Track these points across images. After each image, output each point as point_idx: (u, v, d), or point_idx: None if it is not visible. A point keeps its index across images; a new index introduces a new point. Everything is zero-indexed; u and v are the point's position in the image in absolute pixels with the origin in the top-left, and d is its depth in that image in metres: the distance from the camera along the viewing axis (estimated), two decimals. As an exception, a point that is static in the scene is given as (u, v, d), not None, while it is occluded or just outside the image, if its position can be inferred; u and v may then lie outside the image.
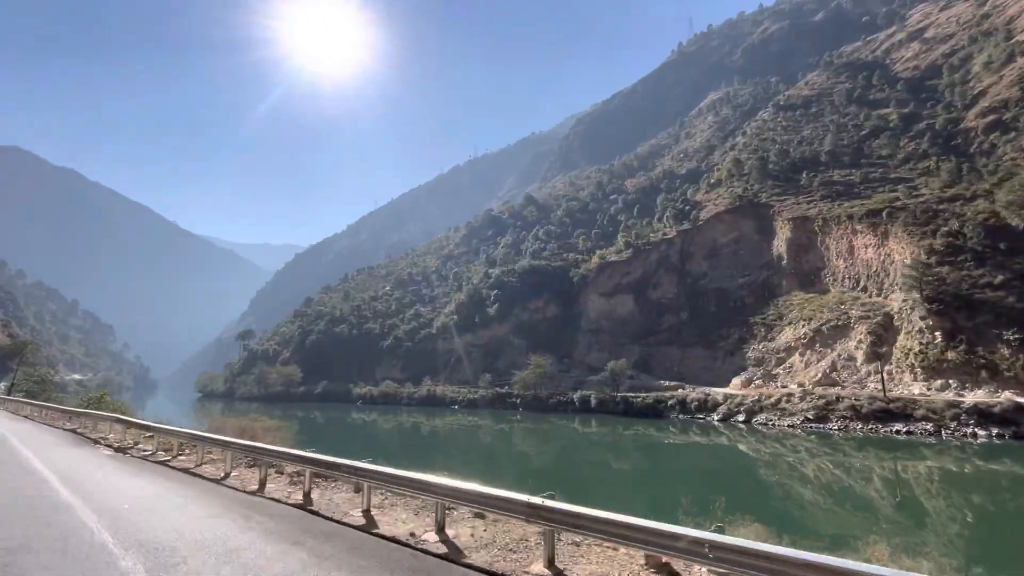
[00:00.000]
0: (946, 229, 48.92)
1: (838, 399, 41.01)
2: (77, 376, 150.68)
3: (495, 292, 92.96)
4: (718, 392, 54.30)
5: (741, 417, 45.84)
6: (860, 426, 38.69)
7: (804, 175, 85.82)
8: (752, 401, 46.40)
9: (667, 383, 61.58)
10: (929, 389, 41.32)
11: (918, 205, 55.45)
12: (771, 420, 43.56)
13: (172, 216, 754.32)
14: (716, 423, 48.00)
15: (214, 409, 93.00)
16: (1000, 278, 41.91)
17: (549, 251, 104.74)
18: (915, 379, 43.07)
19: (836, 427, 39.53)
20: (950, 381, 40.48)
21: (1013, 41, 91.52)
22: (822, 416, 40.66)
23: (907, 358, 44.68)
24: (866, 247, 59.79)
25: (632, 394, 58.72)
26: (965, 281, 43.61)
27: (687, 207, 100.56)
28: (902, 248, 53.00)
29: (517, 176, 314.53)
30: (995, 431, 33.73)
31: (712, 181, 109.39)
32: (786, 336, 60.30)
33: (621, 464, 35.84)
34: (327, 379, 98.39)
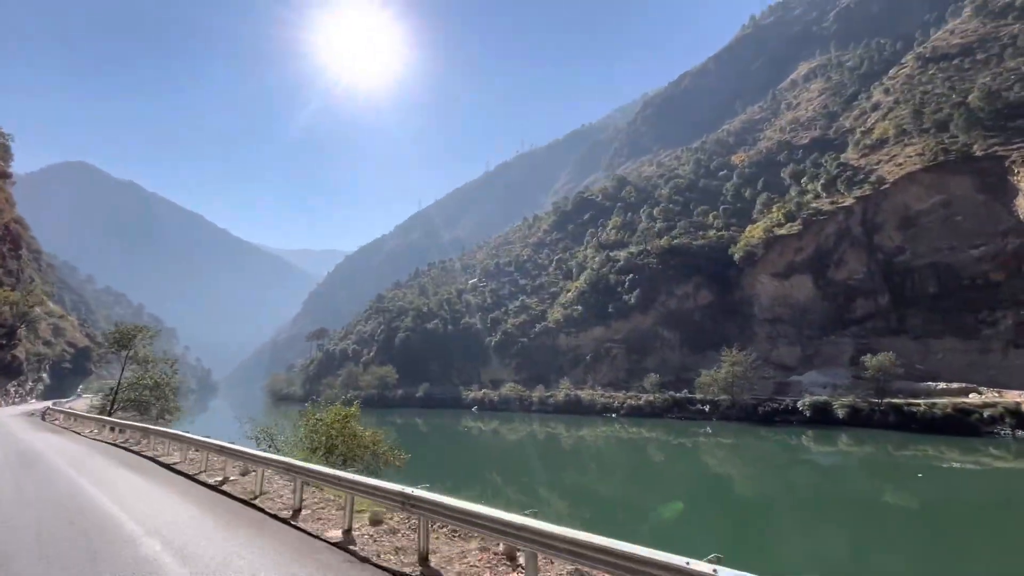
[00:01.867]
0: None
1: None
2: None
3: (629, 277, 77.96)
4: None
5: None
6: None
7: (1039, 118, 67.39)
8: None
9: (939, 386, 45.17)
10: None
11: None
12: None
13: (223, 223, 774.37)
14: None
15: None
16: None
17: (681, 229, 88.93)
18: None
19: None
20: None
21: None
22: None
23: None
24: None
25: (907, 402, 42.51)
26: None
27: (846, 172, 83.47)
28: None
29: (573, 167, 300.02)
30: None
31: (870, 143, 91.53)
32: (1117, 318, 42.91)
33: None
34: (427, 381, 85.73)
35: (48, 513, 9.75)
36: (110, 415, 30.96)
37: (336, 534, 8.20)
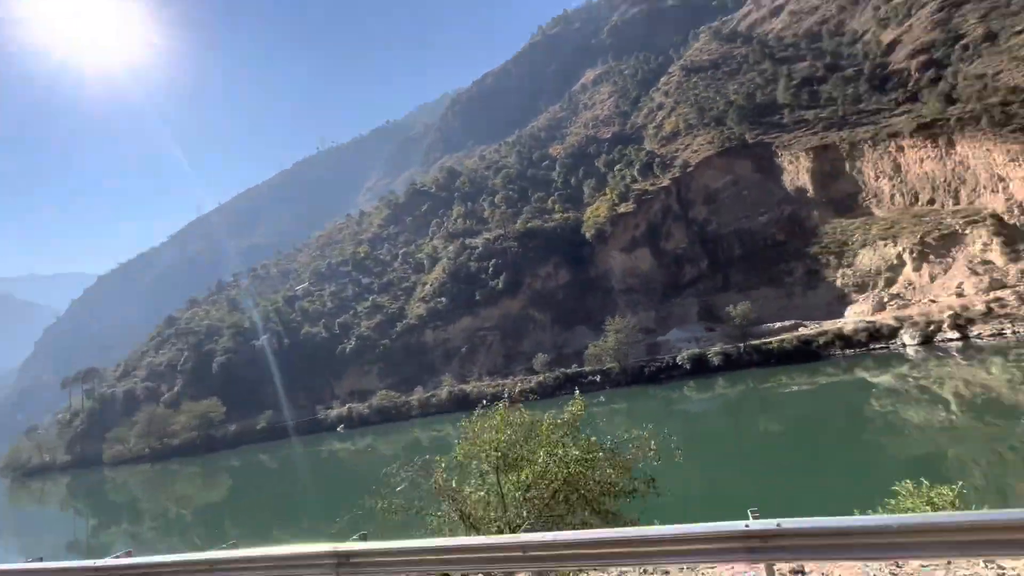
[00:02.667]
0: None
1: (1072, 291, 37.24)
2: None
3: (492, 262, 76.33)
4: (842, 323, 48.47)
5: (952, 334, 39.90)
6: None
7: (787, 113, 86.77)
8: (950, 316, 40.81)
9: (777, 325, 54.22)
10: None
11: (986, 109, 56.52)
12: (1001, 329, 38.28)
13: None
14: (907, 348, 41.52)
15: (88, 495, 60.76)
16: None
17: (528, 213, 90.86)
18: (1085, 266, 41.69)
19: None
20: None
21: (895, 2, 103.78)
22: (1072, 310, 36.48)
23: (1062, 248, 43.40)
24: (922, 160, 59.72)
25: (764, 341, 49.79)
26: (1105, 163, 43.90)
27: (655, 159, 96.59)
28: (984, 151, 53.05)
29: (385, 164, 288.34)
30: None
31: (665, 135, 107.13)
32: (868, 259, 57.45)
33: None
34: (269, 408, 71.19)
35: None
36: None
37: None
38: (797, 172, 74.29)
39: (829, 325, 49.49)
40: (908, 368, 40.35)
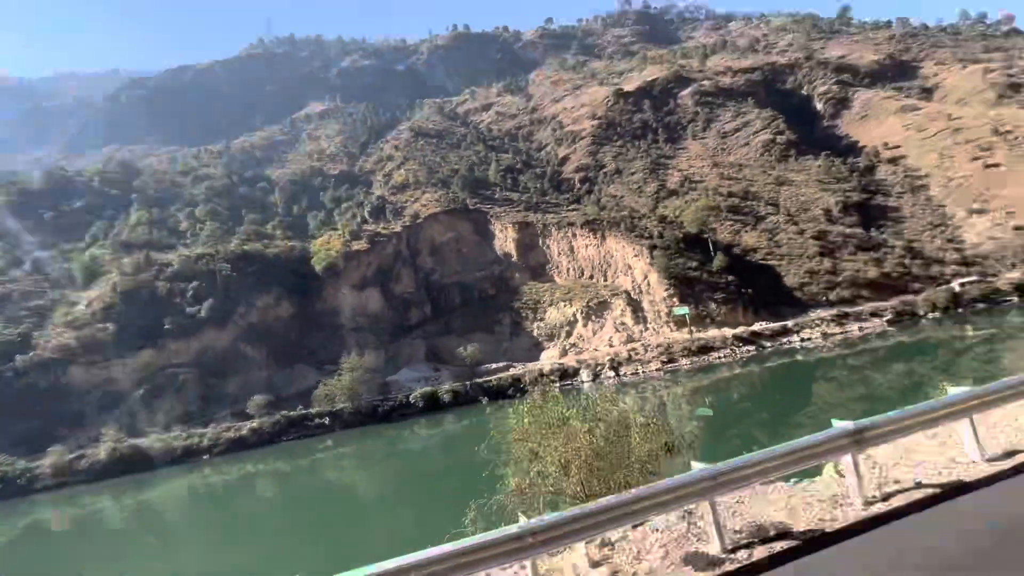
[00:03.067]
0: (650, 233, 75.03)
1: (669, 346, 56.53)
2: None
3: (193, 285, 62.35)
4: (540, 365, 60.68)
5: (611, 374, 54.47)
6: (688, 362, 55.19)
7: (498, 190, 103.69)
8: (609, 360, 55.90)
9: (494, 366, 62.15)
10: (679, 334, 63.00)
11: (622, 218, 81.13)
12: (636, 370, 54.48)
13: None
14: (584, 384, 54.56)
15: None
16: (695, 263, 69.47)
17: (243, 235, 78.84)
18: (671, 330, 64.35)
19: (686, 365, 54.64)
20: (692, 328, 63.41)
21: (567, 130, 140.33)
22: (670, 358, 55.03)
23: (660, 317, 65.90)
24: (587, 246, 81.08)
25: (486, 379, 56.23)
26: (679, 266, 69.09)
27: (387, 204, 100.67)
28: (621, 246, 76.23)
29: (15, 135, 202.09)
30: (746, 348, 56.77)
31: (396, 184, 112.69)
32: (554, 315, 73.28)
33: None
34: None
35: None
36: None
37: None
38: (506, 240, 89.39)
39: (533, 366, 60.48)
40: (582, 399, 53.00)
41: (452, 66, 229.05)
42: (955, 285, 61.89)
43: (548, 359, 64.10)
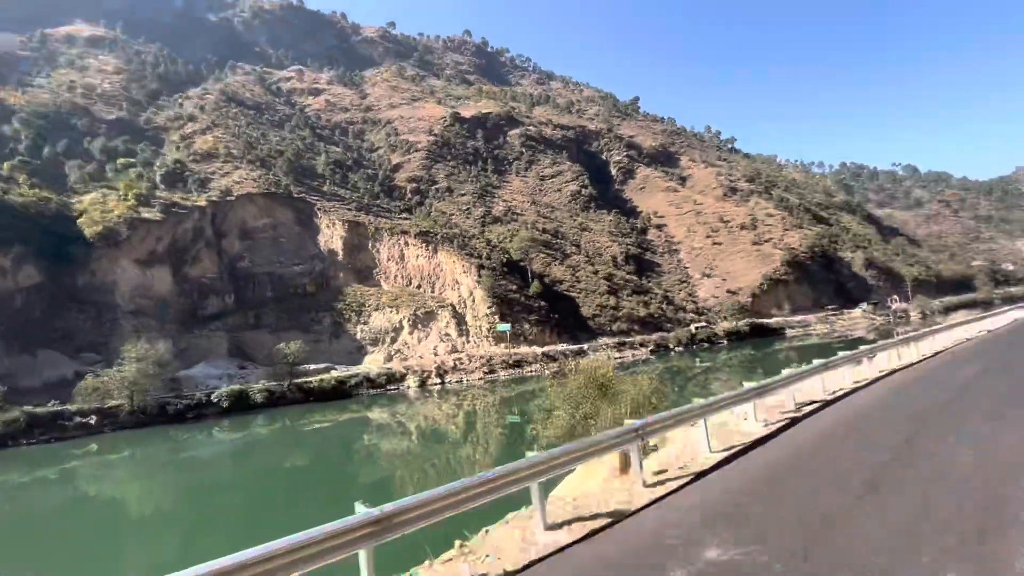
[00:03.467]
0: (479, 253, 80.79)
1: (490, 358, 61.81)
2: None
3: None
4: (367, 369, 60.35)
5: (437, 381, 56.86)
6: (506, 373, 61.53)
7: (326, 183, 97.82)
8: (435, 368, 58.37)
9: (312, 367, 58.41)
10: (497, 348, 69.73)
11: (455, 235, 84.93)
12: (461, 379, 58.01)
13: None
14: (409, 391, 55.95)
15: None
16: (515, 286, 77.20)
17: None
18: (489, 344, 70.45)
19: (503, 376, 60.31)
20: (509, 344, 70.57)
21: (402, 138, 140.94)
22: (491, 369, 60.11)
23: (481, 331, 71.55)
24: (418, 256, 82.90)
25: (306, 380, 52.68)
26: (502, 287, 75.97)
27: (186, 172, 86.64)
28: (452, 261, 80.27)
29: None
30: (551, 364, 65.84)
31: (200, 151, 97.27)
32: (380, 320, 72.82)
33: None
34: None
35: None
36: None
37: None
38: (332, 237, 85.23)
39: (358, 369, 59.06)
40: (405, 406, 54.09)
41: (277, 35, 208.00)
42: (692, 328, 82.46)
43: (373, 363, 63.42)
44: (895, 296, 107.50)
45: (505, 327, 68.02)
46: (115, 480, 35.37)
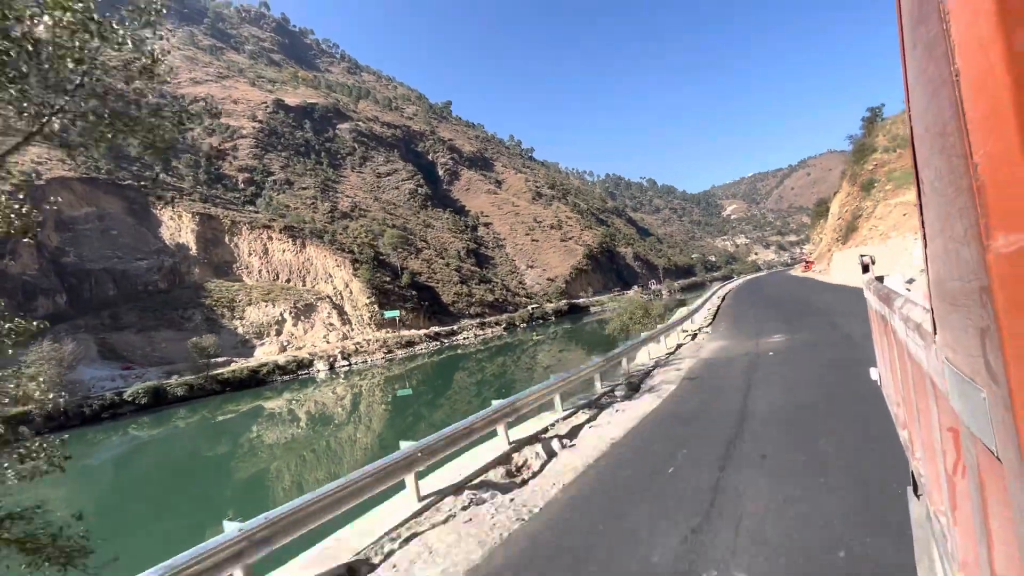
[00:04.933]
0: (349, 248, 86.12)
1: (386, 340, 70.15)
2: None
3: None
4: (273, 358, 63.35)
5: (344, 363, 63.23)
6: (403, 352, 71.10)
7: (157, 171, 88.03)
8: (338, 353, 64.49)
9: (219, 360, 58.20)
10: (381, 333, 78.25)
11: (322, 231, 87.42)
12: (365, 360, 65.30)
13: None
14: (319, 374, 61.52)
15: None
16: (388, 277, 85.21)
17: None
18: (373, 330, 78.15)
19: (400, 355, 69.33)
20: (392, 329, 79.29)
21: (221, 122, 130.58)
22: (390, 350, 68.56)
23: (363, 319, 78.64)
24: (284, 251, 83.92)
25: (219, 372, 53.66)
26: (378, 278, 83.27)
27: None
28: (324, 256, 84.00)
29: None
30: (433, 344, 77.63)
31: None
32: (256, 315, 73.38)
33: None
34: None
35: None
36: None
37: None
38: (180, 230, 79.72)
39: (264, 358, 61.05)
40: (311, 389, 59.48)
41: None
42: (530, 308, 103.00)
43: (266, 354, 65.38)
44: (653, 280, 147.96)
45: (394, 313, 76.74)
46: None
